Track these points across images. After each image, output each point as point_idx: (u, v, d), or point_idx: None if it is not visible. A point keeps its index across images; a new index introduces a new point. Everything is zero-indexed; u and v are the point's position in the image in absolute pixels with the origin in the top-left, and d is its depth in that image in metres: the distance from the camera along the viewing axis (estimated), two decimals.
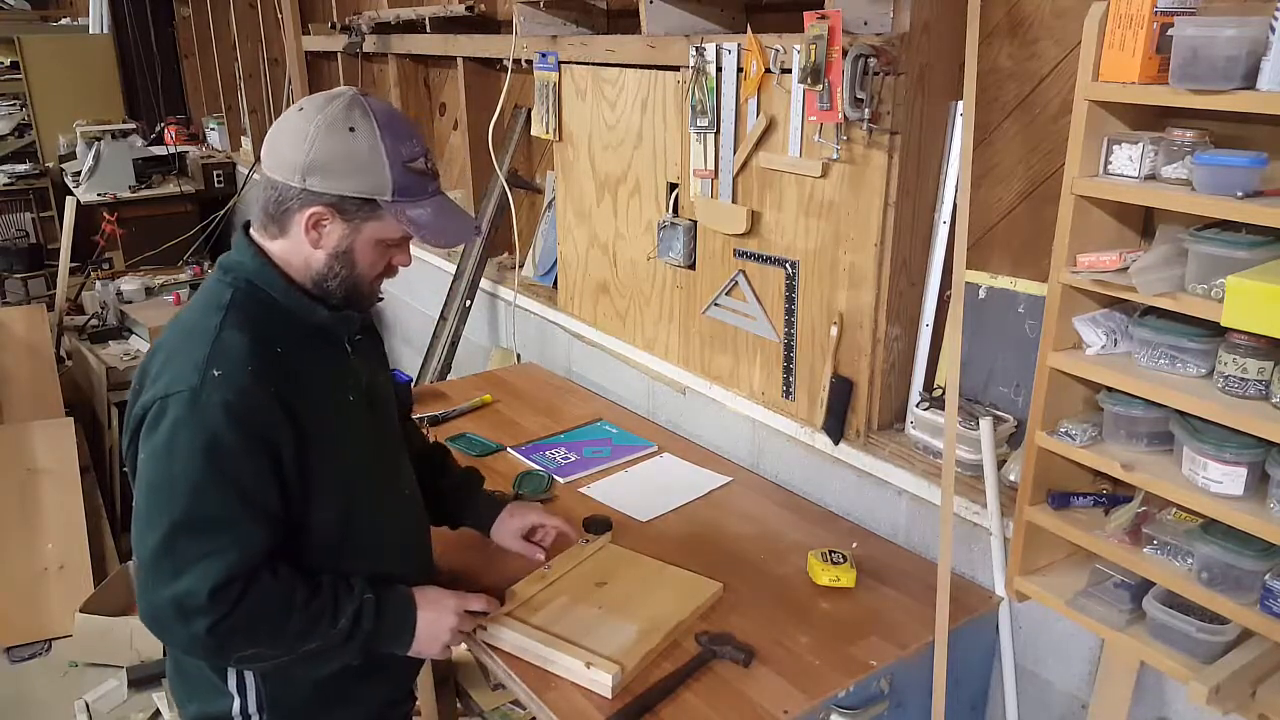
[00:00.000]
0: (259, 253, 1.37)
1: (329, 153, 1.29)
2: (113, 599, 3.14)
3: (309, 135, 1.29)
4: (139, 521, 1.28)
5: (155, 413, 1.27)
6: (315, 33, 4.42)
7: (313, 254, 1.36)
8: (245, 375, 1.27)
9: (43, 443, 3.50)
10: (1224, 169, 1.21)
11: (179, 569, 1.24)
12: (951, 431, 1.62)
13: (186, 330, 1.34)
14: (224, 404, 1.25)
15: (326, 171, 1.29)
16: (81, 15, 7.94)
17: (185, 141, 6.62)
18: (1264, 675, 1.35)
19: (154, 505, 1.26)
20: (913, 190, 1.80)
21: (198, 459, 1.24)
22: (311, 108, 1.32)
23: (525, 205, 3.23)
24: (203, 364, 1.26)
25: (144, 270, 5.23)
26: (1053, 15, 1.63)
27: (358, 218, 1.33)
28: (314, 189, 1.30)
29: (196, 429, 1.24)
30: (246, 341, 1.30)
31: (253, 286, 1.36)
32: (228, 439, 1.25)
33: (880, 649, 1.56)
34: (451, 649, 1.51)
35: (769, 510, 2.03)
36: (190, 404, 1.24)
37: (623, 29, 2.55)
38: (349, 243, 1.35)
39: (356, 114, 1.31)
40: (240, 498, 1.27)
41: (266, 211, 1.35)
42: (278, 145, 1.33)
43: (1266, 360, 1.24)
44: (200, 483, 1.24)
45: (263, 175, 1.35)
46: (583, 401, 2.66)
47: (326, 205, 1.31)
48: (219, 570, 1.25)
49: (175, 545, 1.24)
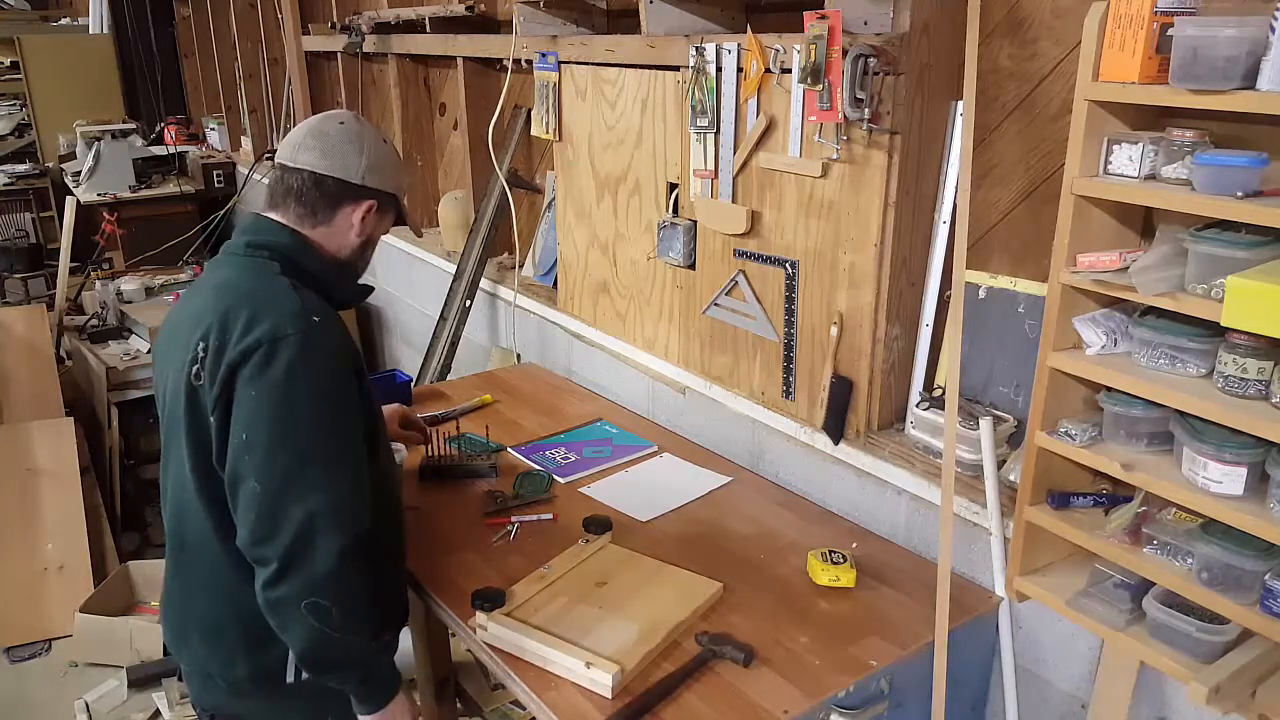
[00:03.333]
0: (293, 232, 1.54)
1: (381, 157, 1.57)
2: (113, 599, 3.14)
3: (366, 141, 1.56)
4: (257, 451, 1.38)
5: (265, 354, 1.38)
6: (315, 33, 4.42)
7: (349, 240, 1.58)
8: (337, 323, 1.49)
9: (43, 443, 3.50)
10: (1224, 169, 1.21)
11: (308, 489, 1.38)
12: (951, 431, 1.62)
13: (256, 291, 1.46)
14: (333, 348, 1.44)
15: (380, 171, 1.57)
16: (81, 15, 7.93)
17: (185, 141, 6.61)
18: (1264, 675, 1.35)
19: (277, 435, 1.38)
20: (913, 190, 1.80)
21: (319, 397, 1.41)
22: (351, 120, 1.58)
23: (525, 205, 3.23)
24: (301, 312, 1.42)
25: (144, 270, 5.22)
26: (1053, 15, 1.63)
27: (389, 211, 1.62)
28: (371, 185, 1.56)
29: (314, 369, 1.41)
30: (316, 299, 1.48)
31: (293, 263, 1.52)
32: (340, 378, 1.45)
33: (880, 649, 1.56)
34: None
35: (769, 510, 2.03)
36: (304, 346, 1.40)
37: (623, 29, 2.55)
38: (375, 231, 1.61)
39: (378, 128, 1.62)
40: (353, 428, 1.47)
41: (309, 204, 1.54)
42: (333, 146, 1.54)
43: (1266, 360, 1.24)
44: (323, 417, 1.41)
45: (306, 173, 1.53)
46: (583, 401, 2.66)
47: (377, 199, 1.57)
48: (344, 489, 1.41)
49: (304, 470, 1.38)
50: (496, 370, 3.03)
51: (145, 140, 6.46)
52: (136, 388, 3.94)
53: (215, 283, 1.51)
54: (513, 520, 1.96)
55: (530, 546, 1.87)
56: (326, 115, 1.59)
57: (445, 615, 1.71)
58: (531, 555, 1.81)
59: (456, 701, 2.44)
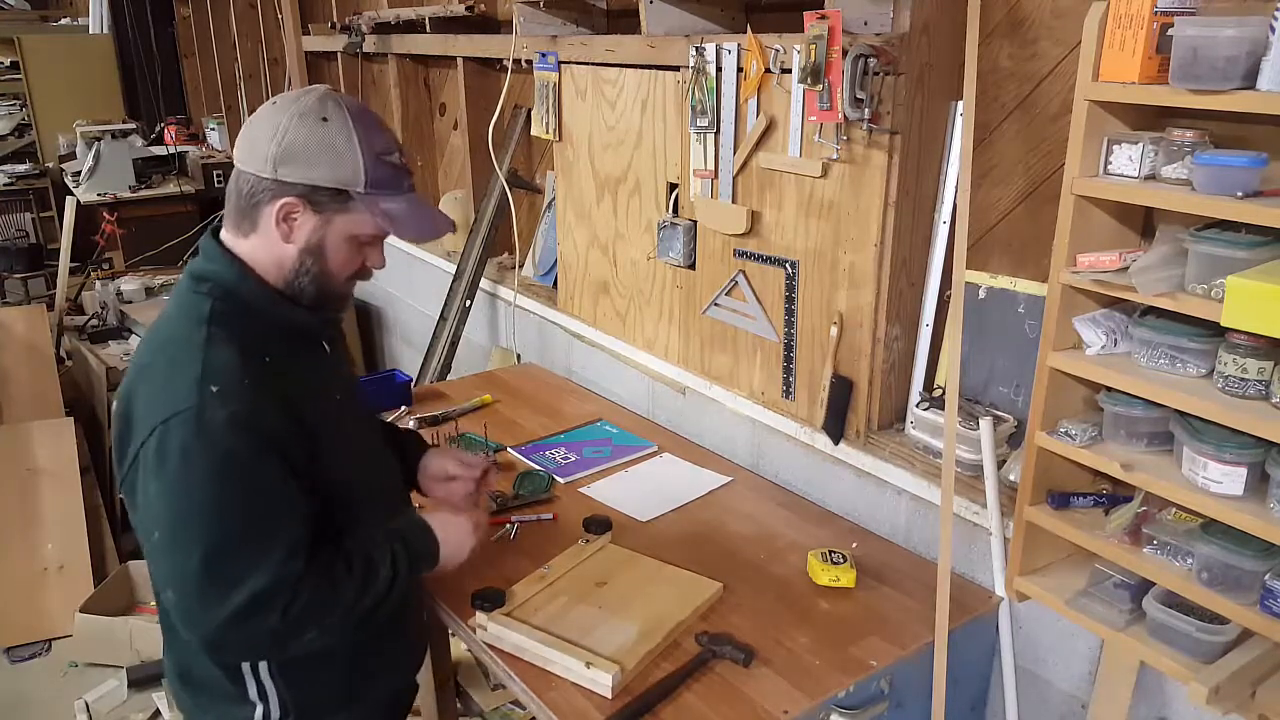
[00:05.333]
0: (232, 259, 1.34)
1: (301, 142, 1.27)
2: (113, 599, 3.14)
3: (281, 125, 1.27)
4: (164, 555, 1.24)
5: (159, 440, 1.22)
6: (315, 33, 4.42)
7: (284, 250, 1.32)
8: (243, 387, 1.24)
9: (43, 443, 3.50)
10: (1224, 169, 1.21)
11: (228, 588, 1.22)
12: (951, 431, 1.62)
13: (169, 348, 1.31)
14: (229, 417, 1.22)
15: (298, 161, 1.27)
16: (81, 15, 7.93)
17: (185, 141, 6.61)
18: (1264, 675, 1.35)
19: (181, 538, 1.22)
20: (913, 190, 1.80)
21: (217, 480, 1.22)
22: (285, 100, 1.30)
23: (525, 205, 3.23)
24: (198, 381, 1.23)
25: (144, 270, 5.23)
26: (1053, 15, 1.63)
27: (329, 209, 1.30)
28: (285, 179, 1.27)
29: (208, 449, 1.21)
30: (236, 354, 1.27)
31: (229, 295, 1.32)
32: (242, 452, 1.23)
33: (880, 649, 1.56)
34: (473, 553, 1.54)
35: (769, 510, 2.03)
36: (196, 424, 1.21)
37: (623, 29, 2.55)
38: (319, 237, 1.32)
39: (330, 106, 1.29)
40: (267, 507, 1.26)
41: (238, 207, 1.32)
42: (249, 137, 1.30)
43: (1266, 360, 1.24)
44: (226, 504, 1.22)
45: (235, 171, 1.33)
46: (583, 401, 2.66)
47: (298, 196, 1.28)
48: (267, 576, 1.23)
49: (217, 569, 1.22)
50: (496, 370, 3.03)
51: (145, 140, 6.46)
52: None
53: (153, 330, 1.37)
54: (513, 520, 1.96)
55: (530, 546, 1.87)
56: (283, 94, 1.33)
57: (445, 615, 1.71)
58: (531, 555, 1.81)
59: (456, 701, 2.44)
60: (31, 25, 7.92)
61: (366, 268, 1.41)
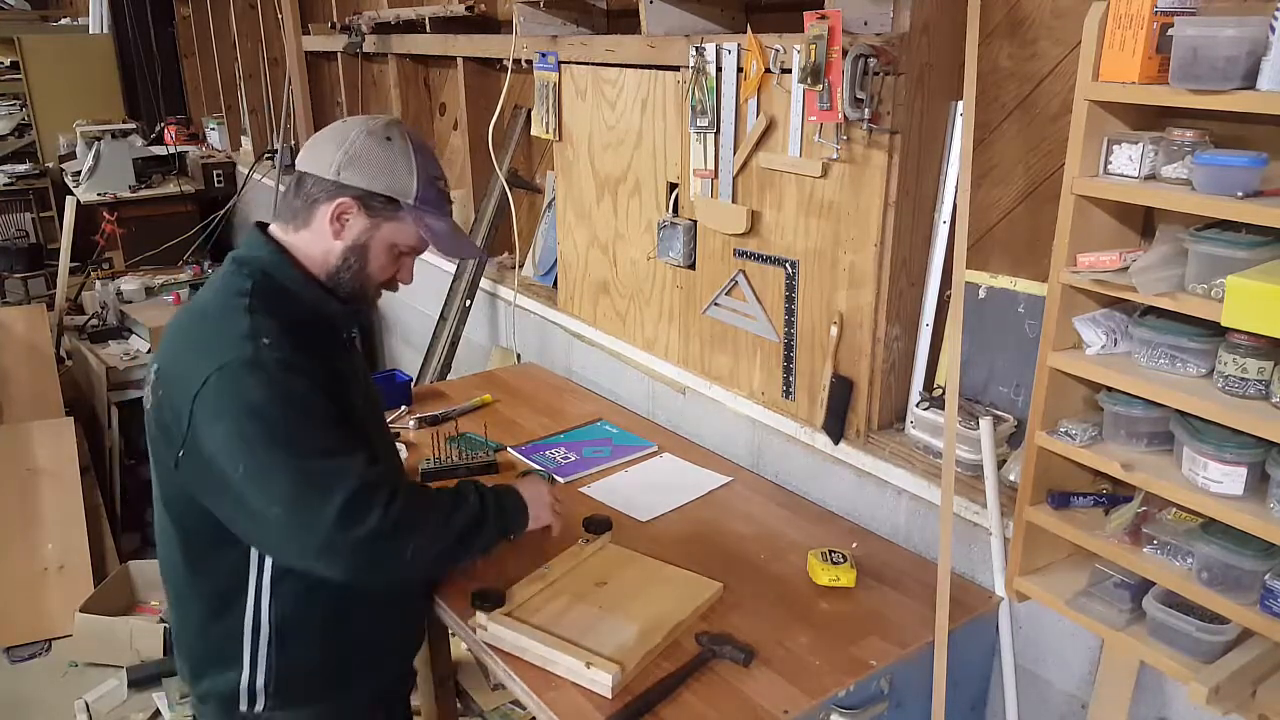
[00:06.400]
0: (277, 247, 1.45)
1: (365, 153, 1.42)
2: (113, 599, 3.14)
3: (350, 138, 1.43)
4: (257, 482, 1.30)
5: (216, 385, 1.30)
6: (315, 33, 4.42)
7: (332, 245, 1.45)
8: (290, 344, 1.35)
9: (43, 443, 3.51)
10: (1224, 169, 1.21)
11: (325, 490, 1.29)
12: (951, 431, 1.62)
13: (211, 315, 1.40)
14: (281, 361, 1.32)
15: (360, 168, 1.41)
16: (81, 15, 7.94)
17: (185, 141, 6.61)
18: (1264, 675, 1.35)
19: (265, 461, 1.29)
20: (913, 190, 1.80)
21: (282, 405, 1.31)
22: (355, 120, 1.47)
23: (525, 205, 3.23)
24: (246, 336, 1.33)
25: (144, 270, 5.23)
26: (1053, 15, 1.63)
27: (380, 215, 1.44)
28: (346, 181, 1.42)
29: (268, 383, 1.30)
30: (276, 324, 1.37)
31: (269, 278, 1.43)
32: (299, 387, 1.33)
33: (880, 649, 1.56)
34: (555, 524, 1.68)
35: (769, 510, 2.03)
36: (252, 365, 1.30)
37: (623, 29, 2.55)
38: (367, 238, 1.45)
39: (395, 130, 1.45)
40: (335, 427, 1.35)
41: (292, 205, 1.45)
42: (317, 144, 1.45)
43: (1266, 360, 1.24)
44: (297, 423, 1.32)
45: (294, 173, 1.47)
46: (583, 401, 2.66)
47: (354, 198, 1.42)
48: (358, 477, 1.31)
49: (311, 475, 1.30)
50: (496, 370, 3.03)
51: (145, 140, 6.46)
52: (136, 387, 3.94)
53: (192, 304, 1.48)
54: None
55: (530, 546, 1.87)
56: (354, 116, 1.52)
57: (445, 615, 1.71)
58: (531, 555, 1.81)
59: (456, 701, 2.44)
60: (31, 25, 7.93)
61: (395, 280, 1.53)
